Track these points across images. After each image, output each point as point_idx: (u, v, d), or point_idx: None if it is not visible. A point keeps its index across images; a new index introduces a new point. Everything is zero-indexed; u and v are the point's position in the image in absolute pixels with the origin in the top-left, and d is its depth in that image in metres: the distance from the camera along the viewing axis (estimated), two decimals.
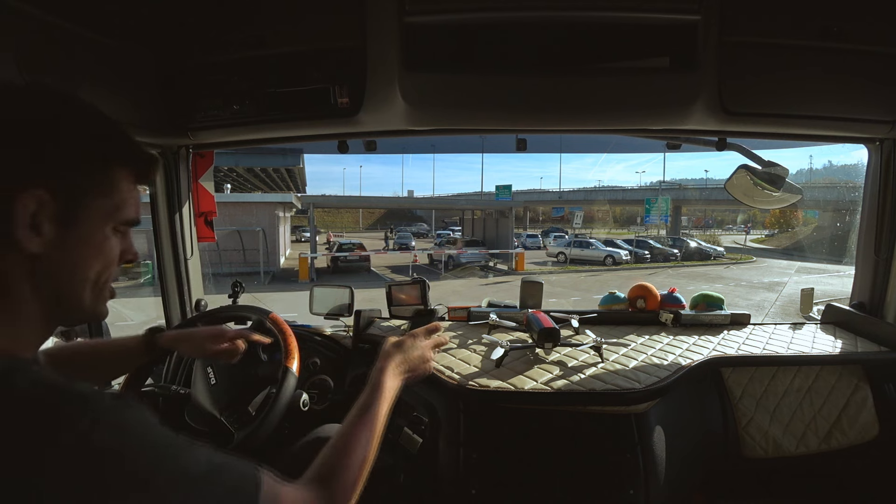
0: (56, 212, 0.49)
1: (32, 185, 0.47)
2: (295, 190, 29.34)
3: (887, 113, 1.23)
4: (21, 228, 0.47)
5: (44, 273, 0.50)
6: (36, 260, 0.49)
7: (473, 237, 23.14)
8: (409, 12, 0.99)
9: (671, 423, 1.21)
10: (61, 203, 0.49)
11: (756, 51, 1.11)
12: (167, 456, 0.46)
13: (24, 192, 0.47)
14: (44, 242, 0.48)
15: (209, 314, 1.29)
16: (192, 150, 1.58)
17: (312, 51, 1.16)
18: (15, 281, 0.49)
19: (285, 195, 22.21)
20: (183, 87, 1.25)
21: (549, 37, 1.06)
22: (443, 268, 17.88)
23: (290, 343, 1.14)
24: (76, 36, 1.01)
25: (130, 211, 0.56)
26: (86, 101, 0.54)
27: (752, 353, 1.37)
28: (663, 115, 1.18)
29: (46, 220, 0.48)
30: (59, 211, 0.49)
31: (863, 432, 1.35)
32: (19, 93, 0.52)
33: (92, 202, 0.52)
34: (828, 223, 21.51)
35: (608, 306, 1.70)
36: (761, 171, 1.43)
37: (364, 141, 1.47)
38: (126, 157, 0.56)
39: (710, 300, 1.64)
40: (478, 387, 1.16)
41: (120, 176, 0.55)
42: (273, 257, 17.13)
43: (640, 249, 21.41)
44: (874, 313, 1.53)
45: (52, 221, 0.49)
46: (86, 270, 0.53)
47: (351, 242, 20.24)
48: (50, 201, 0.48)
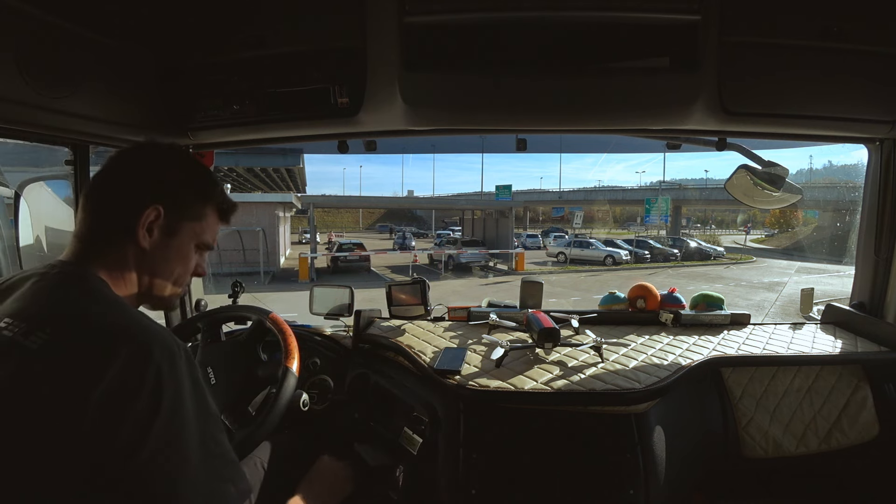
0: (164, 223, 0.72)
1: (156, 202, 0.70)
2: (295, 190, 29.32)
3: (887, 113, 1.23)
4: (141, 228, 0.69)
5: (146, 263, 0.72)
6: (143, 252, 0.71)
7: (473, 237, 23.14)
8: (409, 12, 0.99)
9: (671, 423, 1.21)
10: (169, 218, 0.72)
11: (756, 51, 1.11)
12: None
13: (151, 205, 0.70)
14: (151, 242, 0.71)
15: (209, 314, 1.29)
16: (192, 150, 1.58)
17: (312, 51, 1.16)
18: (130, 262, 0.70)
19: (285, 195, 22.23)
20: (183, 87, 1.25)
21: (549, 37, 1.06)
22: (443, 268, 17.89)
23: (290, 343, 1.14)
24: (76, 36, 1.01)
25: (210, 237, 0.80)
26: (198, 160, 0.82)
27: (752, 353, 1.37)
28: (663, 115, 1.18)
29: (157, 227, 0.71)
30: (165, 223, 0.72)
31: (863, 432, 1.35)
32: (162, 146, 0.78)
33: (187, 224, 0.75)
34: (828, 223, 21.52)
35: (608, 306, 1.70)
36: (761, 171, 1.43)
37: (364, 141, 1.47)
38: (216, 200, 0.79)
39: (710, 300, 1.64)
40: (478, 387, 1.16)
41: (209, 211, 0.79)
42: (273, 257, 17.13)
43: (640, 249, 21.41)
44: (874, 313, 1.53)
45: (160, 229, 0.72)
46: (172, 270, 0.75)
47: (351, 242, 20.24)
48: (162, 215, 0.71)
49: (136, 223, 0.69)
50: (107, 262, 0.69)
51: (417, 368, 1.30)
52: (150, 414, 0.54)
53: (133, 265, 0.71)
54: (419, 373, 1.29)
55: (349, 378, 1.46)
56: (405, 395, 1.31)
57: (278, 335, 1.16)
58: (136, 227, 0.69)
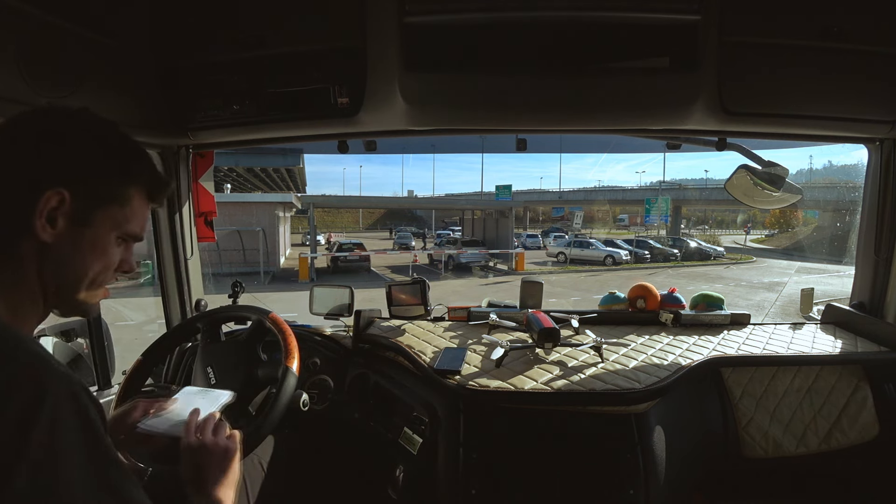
0: (72, 211, 0.56)
1: (58, 184, 0.55)
2: (295, 190, 29.32)
3: (887, 113, 1.23)
4: (39, 218, 0.54)
5: (50, 261, 0.57)
6: (46, 248, 0.56)
7: (473, 237, 23.14)
8: (409, 12, 0.99)
9: (671, 423, 1.21)
10: (78, 204, 0.57)
11: (756, 51, 1.11)
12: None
13: (50, 189, 0.54)
14: (55, 234, 0.56)
15: (209, 314, 1.29)
16: (192, 150, 1.58)
17: (312, 51, 1.16)
18: (25, 262, 0.56)
19: (285, 195, 22.22)
20: (183, 87, 1.25)
21: (550, 37, 1.06)
22: (443, 268, 17.89)
23: (290, 343, 1.14)
24: (76, 36, 1.01)
25: (136, 226, 0.63)
26: (117, 126, 0.63)
27: (752, 353, 1.37)
28: (663, 115, 1.18)
29: (62, 216, 0.56)
30: (74, 210, 0.56)
31: (863, 432, 1.35)
32: (65, 111, 0.60)
33: (105, 210, 0.59)
34: (828, 223, 21.52)
35: (608, 306, 1.70)
36: (761, 171, 1.43)
37: (364, 141, 1.47)
38: (143, 178, 0.64)
39: (710, 300, 1.64)
40: (478, 387, 1.16)
41: (134, 192, 0.62)
42: (273, 257, 17.13)
43: (640, 249, 21.41)
44: (874, 313, 1.53)
45: (67, 218, 0.56)
46: (86, 268, 0.59)
47: (351, 242, 20.23)
48: (69, 201, 0.56)
49: (32, 211, 0.54)
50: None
51: (417, 368, 1.30)
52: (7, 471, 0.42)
53: (30, 264, 0.56)
54: (419, 373, 1.29)
55: (349, 378, 1.46)
56: (405, 395, 1.31)
57: (278, 335, 1.16)
58: (31, 215, 0.54)
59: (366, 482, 1.37)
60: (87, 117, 0.61)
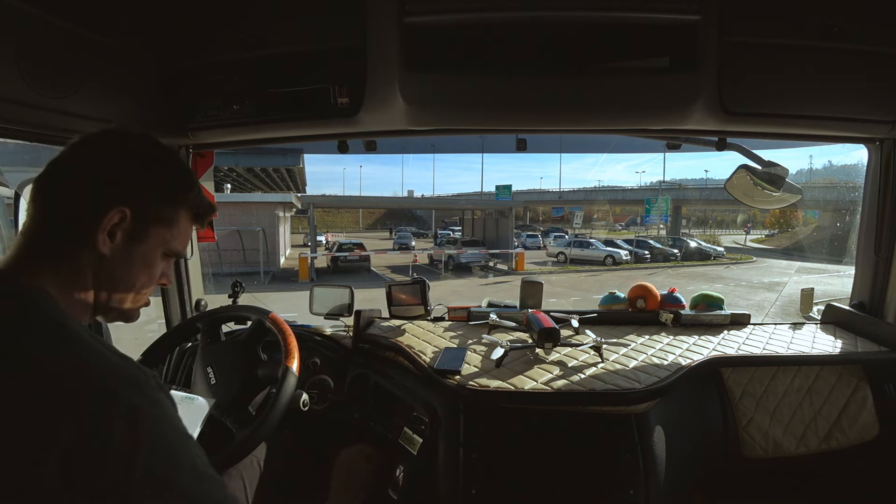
0: (130, 228, 0.62)
1: (122, 202, 0.61)
2: (295, 190, 29.33)
3: (887, 113, 1.23)
4: (101, 233, 0.60)
5: (105, 271, 0.62)
6: (102, 259, 0.61)
7: (473, 237, 23.14)
8: (409, 12, 0.99)
9: (671, 423, 1.21)
10: (136, 222, 0.62)
11: (756, 51, 1.11)
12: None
13: (114, 207, 0.60)
14: (112, 248, 0.61)
15: (209, 314, 1.29)
16: (192, 150, 1.58)
17: (312, 51, 1.16)
18: (84, 269, 0.61)
19: (285, 195, 22.22)
20: (183, 87, 1.25)
21: (549, 37, 1.06)
22: (443, 268, 17.89)
23: (290, 343, 1.14)
24: (76, 36, 1.01)
25: (180, 244, 0.70)
26: (175, 154, 0.70)
27: (752, 353, 1.37)
28: (663, 115, 1.18)
29: (121, 231, 0.61)
30: (132, 227, 0.62)
31: (863, 432, 1.35)
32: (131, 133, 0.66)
33: (157, 228, 0.65)
34: (828, 223, 21.52)
35: (608, 306, 1.70)
36: (761, 171, 1.43)
37: (364, 141, 1.47)
38: (191, 203, 0.70)
39: (710, 300, 1.64)
40: (478, 387, 1.16)
41: (183, 213, 0.69)
42: (273, 257, 17.13)
43: (640, 249, 21.41)
44: (874, 313, 1.53)
45: (125, 234, 0.62)
46: (135, 279, 0.66)
47: (351, 242, 20.22)
48: (129, 218, 0.61)
49: (97, 226, 0.59)
50: (56, 269, 0.59)
51: (417, 368, 1.30)
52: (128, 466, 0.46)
53: (88, 273, 0.61)
54: (419, 373, 1.29)
55: (349, 378, 1.46)
56: (405, 395, 1.31)
57: (278, 335, 1.16)
58: (95, 230, 0.59)
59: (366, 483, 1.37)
60: (150, 140, 0.68)
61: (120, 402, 0.48)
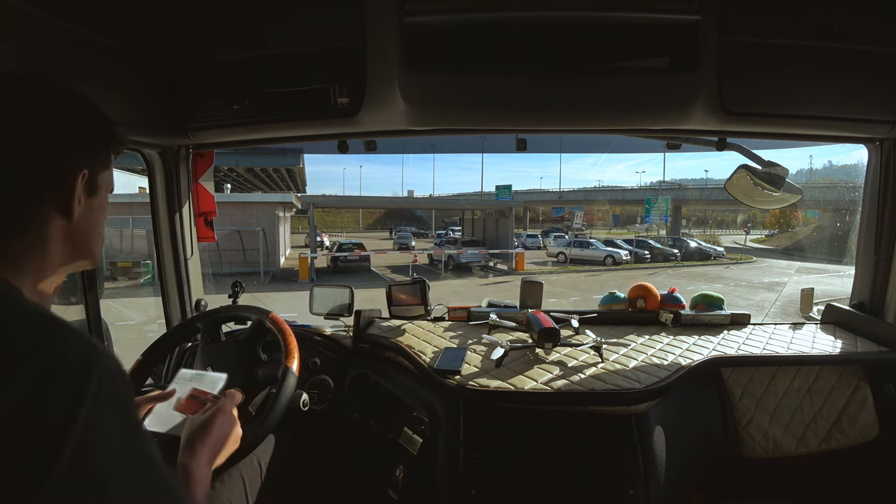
0: (87, 184, 0.58)
1: (84, 162, 0.57)
2: (295, 190, 29.36)
3: (887, 113, 1.23)
4: (76, 200, 0.55)
5: (74, 232, 0.58)
6: (70, 224, 0.57)
7: (473, 237, 23.14)
8: (409, 12, 0.99)
9: (671, 423, 1.21)
10: (91, 177, 0.58)
11: (756, 51, 1.11)
12: None
13: (80, 170, 0.56)
14: (80, 209, 0.57)
15: (209, 314, 1.29)
16: (192, 150, 1.58)
17: (312, 51, 1.16)
18: (52, 242, 0.56)
19: (285, 195, 22.22)
20: (183, 87, 1.25)
21: (549, 37, 1.06)
22: (443, 268, 17.89)
23: (290, 343, 1.14)
24: (76, 36, 1.01)
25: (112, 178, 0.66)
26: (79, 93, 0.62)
27: (752, 353, 1.37)
28: (663, 115, 1.18)
29: (83, 191, 0.57)
30: (89, 183, 0.58)
31: (863, 432, 1.35)
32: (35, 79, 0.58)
33: (103, 175, 0.62)
34: (828, 223, 21.54)
35: (608, 306, 1.70)
36: (761, 171, 1.43)
37: (364, 141, 1.47)
38: (115, 140, 0.65)
39: (710, 300, 1.64)
40: (478, 387, 1.16)
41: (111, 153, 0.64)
42: (273, 257, 17.12)
43: (640, 249, 21.41)
44: (874, 313, 1.53)
45: (85, 192, 0.58)
46: (100, 227, 0.63)
47: (351, 242, 20.22)
48: (87, 176, 0.57)
49: (72, 195, 0.55)
50: (16, 252, 0.52)
51: (417, 368, 1.30)
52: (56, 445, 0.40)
53: (56, 243, 0.56)
54: (419, 373, 1.29)
55: (349, 378, 1.46)
56: (405, 395, 1.31)
57: (278, 335, 1.16)
58: (70, 199, 0.55)
59: (366, 482, 1.37)
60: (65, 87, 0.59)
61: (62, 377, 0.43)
